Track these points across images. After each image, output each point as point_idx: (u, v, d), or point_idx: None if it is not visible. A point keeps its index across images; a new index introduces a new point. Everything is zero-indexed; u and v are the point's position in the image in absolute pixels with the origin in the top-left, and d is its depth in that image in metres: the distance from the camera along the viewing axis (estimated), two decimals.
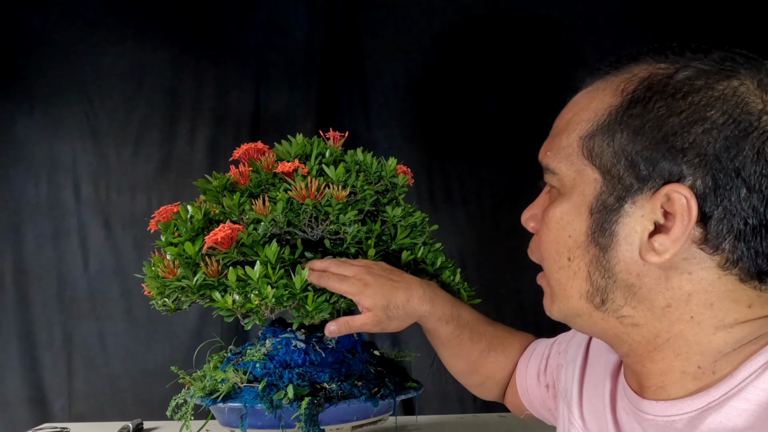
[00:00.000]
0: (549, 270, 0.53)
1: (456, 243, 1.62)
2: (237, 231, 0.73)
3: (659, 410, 0.48)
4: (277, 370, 0.83)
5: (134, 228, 1.62)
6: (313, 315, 0.72)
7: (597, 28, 1.61)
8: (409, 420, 1.31)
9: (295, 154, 0.88)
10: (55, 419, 1.57)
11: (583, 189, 0.49)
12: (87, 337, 1.60)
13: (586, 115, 0.49)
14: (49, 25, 1.63)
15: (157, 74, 1.65)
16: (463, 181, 1.65)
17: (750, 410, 0.41)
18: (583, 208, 0.49)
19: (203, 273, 0.73)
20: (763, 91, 0.43)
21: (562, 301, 0.52)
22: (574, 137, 0.49)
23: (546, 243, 0.52)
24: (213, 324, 1.59)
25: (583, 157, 0.48)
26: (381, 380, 0.86)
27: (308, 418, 0.76)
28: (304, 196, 0.75)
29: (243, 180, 0.81)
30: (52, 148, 1.63)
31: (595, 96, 0.49)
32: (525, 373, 0.81)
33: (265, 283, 0.70)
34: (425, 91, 1.67)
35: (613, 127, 0.47)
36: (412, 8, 1.67)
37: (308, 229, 0.79)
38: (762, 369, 0.42)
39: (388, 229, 0.86)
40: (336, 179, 0.81)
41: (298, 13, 1.68)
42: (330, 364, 0.85)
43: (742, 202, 0.42)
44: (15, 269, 1.60)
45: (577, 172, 0.49)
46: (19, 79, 1.63)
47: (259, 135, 1.66)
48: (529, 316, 1.59)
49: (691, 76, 0.44)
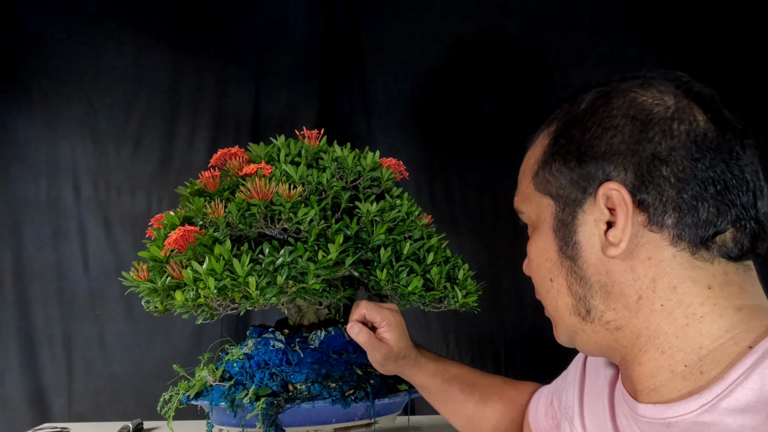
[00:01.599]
0: (543, 299, 0.60)
1: (456, 243, 1.62)
2: (192, 232, 0.75)
3: (656, 413, 0.50)
4: (251, 369, 0.84)
5: (134, 228, 1.62)
6: (257, 299, 0.71)
7: (596, 31, 1.61)
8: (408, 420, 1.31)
9: (266, 155, 0.88)
10: (55, 419, 1.57)
11: (545, 217, 0.57)
12: (87, 337, 1.60)
13: (532, 160, 0.59)
14: (49, 25, 1.63)
15: (157, 74, 1.65)
16: (463, 181, 1.65)
17: (739, 410, 0.44)
18: (548, 232, 0.56)
19: (168, 275, 0.75)
20: (651, 91, 0.52)
21: (560, 323, 0.58)
22: (528, 180, 0.59)
23: (535, 275, 0.60)
24: (213, 324, 1.59)
25: (537, 192, 0.58)
26: (361, 382, 0.85)
27: (265, 418, 0.76)
28: (254, 196, 0.76)
29: (212, 184, 0.83)
30: (52, 148, 1.63)
31: (535, 147, 0.60)
32: (536, 415, 0.80)
33: (209, 276, 0.71)
34: (425, 91, 1.67)
35: (549, 160, 0.56)
36: (412, 8, 1.67)
37: (266, 228, 0.79)
38: (749, 371, 0.45)
39: (366, 225, 0.85)
40: (297, 178, 0.81)
41: (298, 14, 1.68)
42: (309, 365, 0.85)
43: (666, 179, 0.49)
44: (15, 269, 1.60)
45: (537, 205, 0.58)
46: (19, 79, 1.63)
47: (259, 135, 1.66)
48: (529, 316, 1.59)
49: (591, 100, 0.54)
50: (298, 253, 0.76)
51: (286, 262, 0.74)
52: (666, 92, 0.51)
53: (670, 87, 0.51)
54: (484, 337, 1.61)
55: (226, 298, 0.71)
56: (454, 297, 0.88)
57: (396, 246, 0.87)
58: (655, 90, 0.51)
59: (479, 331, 1.61)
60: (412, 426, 1.26)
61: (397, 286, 0.84)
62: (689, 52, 1.55)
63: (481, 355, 1.62)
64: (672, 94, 0.51)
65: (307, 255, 0.76)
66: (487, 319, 1.59)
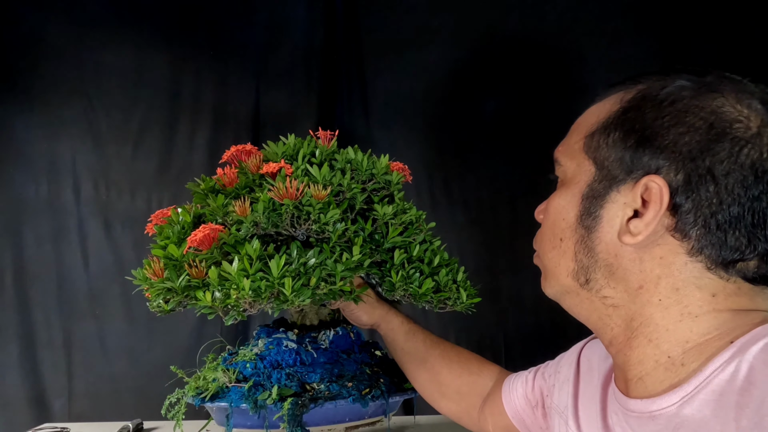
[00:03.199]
0: (543, 251, 0.61)
1: (456, 243, 1.62)
2: (217, 231, 0.74)
3: (643, 407, 0.52)
4: (266, 370, 0.84)
5: (134, 228, 1.62)
6: (292, 301, 0.71)
7: (598, 31, 1.61)
8: (408, 420, 1.31)
9: (282, 154, 0.88)
10: (55, 419, 1.57)
11: (580, 179, 0.57)
12: (87, 337, 1.60)
13: (592, 119, 0.57)
14: (49, 24, 1.63)
15: (157, 74, 1.65)
16: (463, 181, 1.65)
17: (714, 400, 0.45)
18: (577, 195, 0.56)
19: (187, 274, 0.74)
20: (741, 105, 0.49)
21: (553, 278, 0.60)
22: (580, 136, 0.58)
23: (545, 227, 0.61)
24: (213, 324, 1.59)
25: (583, 152, 0.57)
26: (374, 381, 0.85)
27: (291, 418, 0.76)
28: (284, 196, 0.75)
29: (229, 182, 0.82)
30: (52, 148, 1.63)
31: (603, 105, 0.57)
32: (512, 394, 0.82)
33: (242, 277, 0.70)
34: (425, 91, 1.67)
35: (610, 128, 0.54)
36: (412, 8, 1.67)
37: (291, 229, 0.79)
38: (726, 363, 0.46)
39: (380, 227, 0.86)
40: (320, 178, 0.81)
41: (298, 14, 1.68)
42: (322, 365, 0.85)
43: (710, 197, 0.48)
44: (15, 269, 1.60)
45: (577, 165, 0.57)
46: (19, 78, 1.63)
47: (259, 135, 1.66)
48: (529, 316, 1.59)
49: (678, 87, 0.52)
50: (326, 254, 0.76)
51: (316, 264, 0.74)
52: (754, 111, 0.49)
53: (758, 105, 0.49)
54: (484, 337, 1.61)
55: (260, 299, 0.71)
56: (458, 298, 0.89)
57: (407, 249, 0.87)
58: (745, 104, 0.49)
59: (479, 330, 1.61)
60: (413, 426, 1.26)
61: (409, 288, 0.85)
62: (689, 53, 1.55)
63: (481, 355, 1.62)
64: (759, 115, 0.49)
65: (333, 257, 0.76)
66: (487, 319, 1.59)
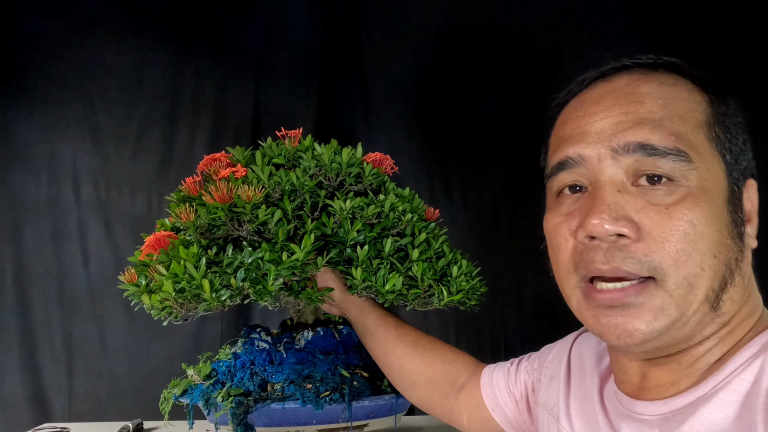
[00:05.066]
0: (681, 273, 0.47)
1: (456, 243, 1.62)
2: (165, 237, 0.78)
3: (654, 410, 0.50)
4: (235, 369, 0.85)
5: (134, 228, 1.62)
6: (212, 301, 0.72)
7: (596, 29, 1.61)
8: (408, 420, 1.31)
9: (244, 158, 0.89)
10: (55, 419, 1.57)
11: (718, 181, 0.48)
12: (87, 337, 1.60)
13: (689, 105, 0.50)
14: (49, 24, 1.63)
15: (157, 74, 1.65)
16: (463, 181, 1.65)
17: (737, 401, 0.44)
18: (720, 200, 0.48)
19: (149, 278, 0.77)
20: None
21: (679, 310, 0.47)
22: (691, 124, 0.49)
23: (687, 247, 0.46)
24: (213, 324, 1.59)
25: (711, 146, 0.48)
26: (342, 384, 0.84)
27: (234, 417, 0.77)
28: (217, 199, 0.77)
29: (194, 190, 0.84)
30: (52, 148, 1.63)
31: (674, 89, 0.51)
32: (493, 387, 0.80)
33: (169, 279, 0.72)
34: (425, 91, 1.67)
35: (723, 120, 0.50)
36: (411, 9, 1.67)
37: (234, 230, 0.80)
38: (748, 362, 0.45)
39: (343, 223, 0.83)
40: (266, 178, 0.82)
41: (298, 14, 1.68)
42: (291, 365, 0.85)
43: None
44: (15, 269, 1.60)
45: (708, 163, 0.48)
46: (20, 78, 1.63)
47: (258, 135, 1.66)
48: (529, 317, 1.59)
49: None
50: (260, 254, 0.75)
51: (244, 264, 0.74)
52: None
53: None
54: (484, 337, 1.61)
55: (183, 299, 0.72)
56: (439, 295, 0.84)
57: (377, 243, 0.85)
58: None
59: (479, 330, 1.61)
60: (413, 426, 1.26)
61: (372, 285, 0.82)
62: (690, 52, 1.55)
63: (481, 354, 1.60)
64: None
65: (269, 256, 0.75)
66: (487, 319, 1.59)
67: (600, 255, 0.48)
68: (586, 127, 0.51)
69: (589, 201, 0.50)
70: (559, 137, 0.55)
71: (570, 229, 0.51)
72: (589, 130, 0.51)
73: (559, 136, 0.55)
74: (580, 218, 0.50)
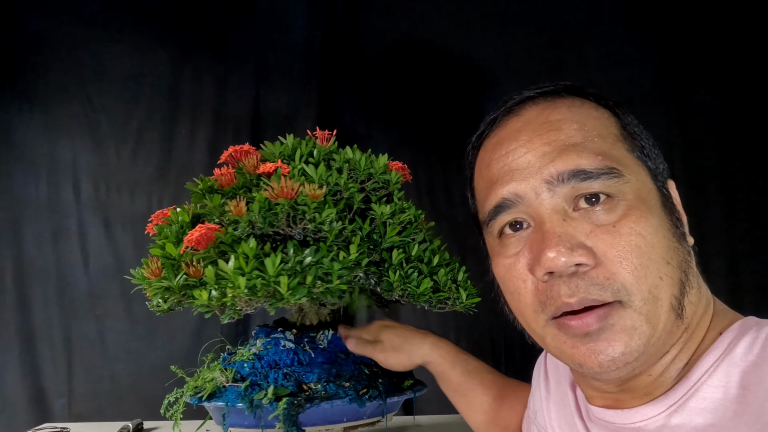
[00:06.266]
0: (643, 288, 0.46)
1: (456, 243, 1.62)
2: (213, 231, 0.73)
3: (626, 418, 0.49)
4: (264, 370, 0.83)
5: (134, 228, 1.62)
6: (288, 299, 0.71)
7: (595, 31, 1.61)
8: (408, 420, 1.31)
9: (279, 154, 0.88)
10: (55, 419, 1.57)
11: (650, 188, 0.49)
12: (87, 337, 1.60)
13: (595, 122, 0.51)
14: (49, 25, 1.63)
15: (157, 74, 1.65)
16: (464, 181, 1.65)
17: (708, 408, 0.43)
18: (658, 207, 0.49)
19: (184, 273, 0.74)
20: None
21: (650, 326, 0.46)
22: (611, 140, 0.50)
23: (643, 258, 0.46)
24: (213, 324, 1.59)
25: (634, 158, 0.50)
26: (372, 381, 0.85)
27: (286, 418, 0.76)
28: (279, 196, 0.75)
29: (227, 182, 0.82)
30: (52, 148, 1.63)
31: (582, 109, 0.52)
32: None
33: (238, 275, 0.70)
34: (425, 91, 1.67)
35: (630, 132, 0.51)
36: (412, 8, 1.67)
37: (287, 228, 0.78)
38: (714, 367, 0.44)
39: (378, 227, 0.85)
40: (316, 178, 0.81)
41: (298, 13, 1.68)
42: (320, 365, 0.85)
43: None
44: (15, 269, 1.60)
45: (637, 174, 0.49)
46: (20, 79, 1.63)
47: (258, 135, 1.66)
48: None
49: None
50: (322, 253, 0.75)
51: (313, 262, 0.74)
52: None
53: None
54: (484, 337, 1.61)
55: (255, 297, 0.70)
56: (458, 298, 0.87)
57: (405, 248, 0.87)
58: None
59: (479, 331, 1.61)
60: (413, 426, 1.25)
61: (407, 287, 0.84)
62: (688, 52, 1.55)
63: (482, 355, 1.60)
64: None
65: (330, 255, 0.75)
66: (487, 319, 1.58)
67: (564, 288, 0.47)
68: (512, 165, 0.51)
69: (537, 236, 0.49)
70: (487, 180, 0.55)
71: (525, 268, 0.50)
72: (516, 167, 0.51)
73: (485, 179, 0.55)
74: (533, 255, 0.49)
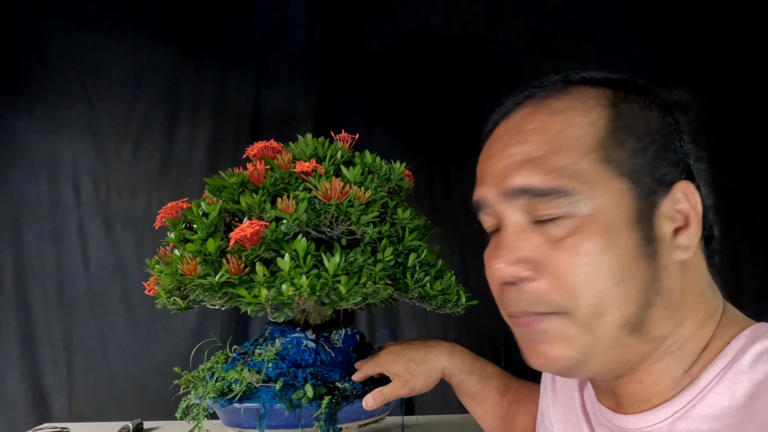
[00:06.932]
0: (582, 304, 0.46)
1: (456, 243, 1.62)
2: (263, 227, 0.71)
3: (631, 424, 0.49)
4: (291, 369, 0.83)
5: (134, 228, 1.62)
6: (347, 299, 0.71)
7: (598, 29, 1.61)
8: (409, 420, 1.31)
9: (309, 154, 0.88)
10: (55, 419, 1.57)
11: (617, 203, 0.46)
12: (87, 337, 1.60)
13: (578, 129, 0.47)
14: (49, 25, 1.63)
15: (157, 74, 1.65)
16: (463, 181, 1.65)
17: (714, 415, 0.43)
18: (621, 223, 0.46)
19: (225, 270, 0.71)
20: None
21: (591, 336, 0.46)
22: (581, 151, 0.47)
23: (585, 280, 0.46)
24: (213, 324, 1.59)
25: (606, 169, 0.46)
26: (385, 379, 0.86)
27: (328, 417, 0.76)
28: (329, 197, 0.75)
29: (259, 178, 0.80)
30: (52, 148, 1.63)
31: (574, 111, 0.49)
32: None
33: (298, 273, 0.69)
34: (425, 92, 1.67)
35: (620, 135, 0.47)
36: (412, 8, 1.67)
37: (327, 229, 0.78)
38: (720, 375, 0.44)
39: (396, 231, 0.86)
40: (353, 180, 0.81)
41: (298, 13, 1.68)
42: (339, 364, 0.86)
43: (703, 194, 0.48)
44: (15, 269, 1.60)
45: (603, 187, 0.46)
46: (20, 79, 1.63)
47: (259, 135, 1.66)
48: None
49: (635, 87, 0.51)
50: (367, 255, 0.76)
51: (365, 263, 0.74)
52: None
53: None
54: (484, 337, 1.61)
55: (314, 296, 0.70)
56: (458, 300, 0.89)
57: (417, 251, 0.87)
58: None
59: (479, 331, 1.61)
60: (413, 425, 1.26)
61: (422, 289, 0.85)
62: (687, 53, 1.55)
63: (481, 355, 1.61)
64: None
65: (371, 258, 0.76)
66: (487, 319, 1.58)
67: (513, 296, 0.50)
68: (486, 170, 0.53)
69: (496, 242, 0.51)
70: (477, 174, 0.56)
71: None
72: (488, 173, 0.52)
73: (478, 172, 0.56)
74: (487, 260, 0.52)
